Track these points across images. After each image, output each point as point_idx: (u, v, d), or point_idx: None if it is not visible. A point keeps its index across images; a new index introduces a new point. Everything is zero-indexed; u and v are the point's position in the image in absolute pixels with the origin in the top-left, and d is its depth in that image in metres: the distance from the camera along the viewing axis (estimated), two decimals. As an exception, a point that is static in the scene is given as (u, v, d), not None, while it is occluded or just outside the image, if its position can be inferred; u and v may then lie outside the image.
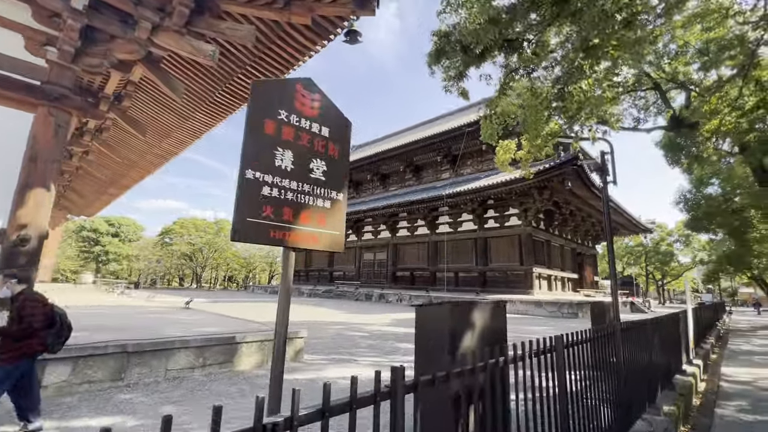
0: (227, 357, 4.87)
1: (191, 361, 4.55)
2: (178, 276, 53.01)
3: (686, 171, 17.50)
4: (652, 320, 4.92)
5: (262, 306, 17.70)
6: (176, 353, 4.44)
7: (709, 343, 10.41)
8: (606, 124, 10.00)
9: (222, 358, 4.82)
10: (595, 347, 3.05)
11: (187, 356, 4.53)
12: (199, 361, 4.63)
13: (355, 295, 27.17)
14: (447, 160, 30.09)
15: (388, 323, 11.36)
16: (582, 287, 28.69)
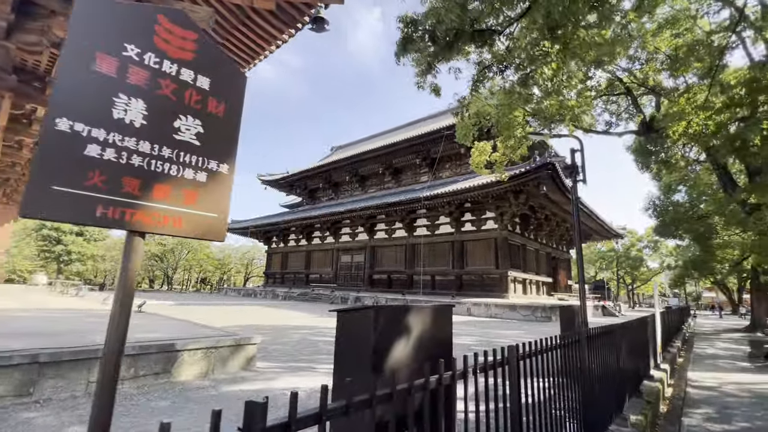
0: (165, 366, 4.38)
1: (121, 372, 4.03)
2: (148, 278, 50.88)
3: (655, 177, 17.94)
4: (621, 325, 4.75)
5: (228, 309, 16.97)
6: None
7: (676, 347, 10.53)
8: (578, 128, 9.99)
9: (159, 367, 4.32)
10: (557, 356, 2.78)
11: (115, 366, 4.01)
12: (130, 372, 4.13)
13: (331, 299, 26.63)
14: (426, 162, 30.03)
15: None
16: (556, 291, 29.10)
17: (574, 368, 3.13)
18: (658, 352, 7.39)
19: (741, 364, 7.93)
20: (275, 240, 39.57)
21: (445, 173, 29.83)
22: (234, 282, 56.85)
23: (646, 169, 10.83)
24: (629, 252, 47.17)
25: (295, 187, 41.64)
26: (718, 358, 9.20)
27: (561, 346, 2.79)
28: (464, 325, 13.26)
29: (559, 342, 2.77)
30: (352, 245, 31.01)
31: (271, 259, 40.06)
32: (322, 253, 33.81)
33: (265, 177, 41.37)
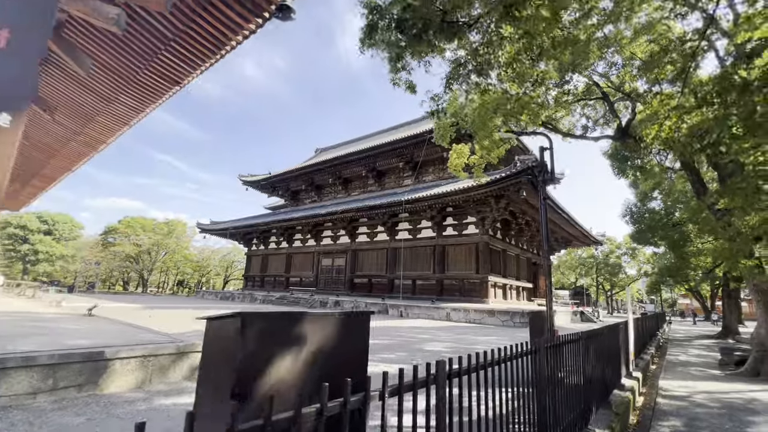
0: (91, 377, 3.92)
1: (35, 383, 3.58)
2: (123, 280, 49.17)
3: (632, 185, 18.19)
4: (588, 334, 4.53)
5: (196, 313, 16.29)
6: (12, 374, 3.47)
7: (650, 354, 10.48)
8: (555, 131, 9.90)
9: (83, 378, 3.87)
10: (510, 369, 2.50)
11: (29, 377, 3.56)
12: (48, 384, 3.67)
13: (310, 303, 26.07)
14: (409, 166, 29.90)
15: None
16: (537, 296, 29.22)
17: (531, 381, 2.86)
18: (630, 360, 7.25)
19: (712, 372, 7.87)
20: (255, 242, 38.74)
21: (429, 177, 29.75)
22: (213, 285, 55.48)
23: (622, 174, 10.84)
24: (608, 259, 47.99)
25: (277, 189, 40.94)
26: (691, 365, 9.16)
27: (512, 357, 2.50)
28: (441, 330, 13.00)
29: (509, 354, 2.48)
30: (334, 248, 30.54)
31: (250, 262, 39.18)
32: (303, 256, 33.21)
33: (246, 178, 40.55)
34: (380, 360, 6.69)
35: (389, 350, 7.81)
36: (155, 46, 8.11)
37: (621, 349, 6.70)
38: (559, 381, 3.48)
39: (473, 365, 2.07)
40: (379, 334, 10.87)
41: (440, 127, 10.01)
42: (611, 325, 5.74)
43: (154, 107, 11.24)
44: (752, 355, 7.49)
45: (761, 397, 5.58)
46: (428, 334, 11.62)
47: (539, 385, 2.87)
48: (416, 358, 7.04)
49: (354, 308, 23.08)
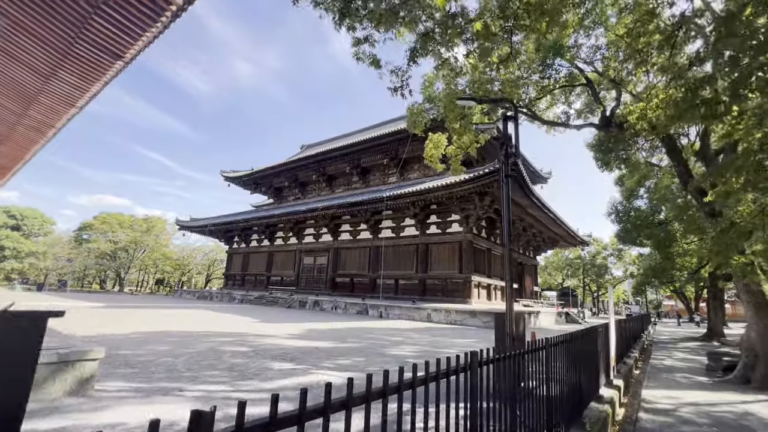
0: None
1: None
2: (99, 278, 47.47)
3: (618, 182, 17.73)
4: (557, 341, 3.82)
5: (158, 314, 15.31)
6: None
7: (633, 357, 9.88)
8: (535, 118, 9.24)
9: None
10: (436, 391, 1.75)
11: None
12: None
13: (288, 302, 25.14)
14: (394, 163, 29.16)
15: (292, 335, 9.74)
16: (522, 297, 28.73)
17: (473, 401, 2.12)
18: (611, 366, 6.59)
19: (699, 379, 7.27)
20: (237, 240, 37.63)
21: (413, 174, 29.07)
22: (196, 284, 54.02)
23: (606, 167, 10.26)
24: (595, 260, 47.95)
25: (260, 186, 39.86)
26: (676, 370, 8.56)
27: (444, 375, 1.75)
28: (416, 332, 12.26)
29: (436, 373, 1.73)
30: (316, 247, 29.65)
31: (231, 260, 38.03)
32: (285, 254, 32.25)
33: (228, 174, 39.40)
34: (332, 367, 5.90)
35: (347, 355, 7.03)
36: (83, 9, 7.16)
37: (600, 354, 6.02)
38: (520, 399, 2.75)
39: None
40: (348, 336, 10.09)
41: (413, 113, 9.28)
42: (588, 328, 5.05)
43: (100, 85, 10.24)
44: (741, 360, 6.90)
45: (755, 410, 4.95)
46: (401, 336, 10.87)
47: (472, 406, 2.12)
48: (374, 364, 6.27)
49: (334, 308, 22.25)
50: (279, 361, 6.11)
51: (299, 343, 8.41)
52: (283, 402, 3.99)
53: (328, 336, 9.90)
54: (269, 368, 5.59)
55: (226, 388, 4.51)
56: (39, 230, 36.62)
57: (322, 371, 5.56)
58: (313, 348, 7.70)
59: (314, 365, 5.95)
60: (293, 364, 5.93)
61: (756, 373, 6.54)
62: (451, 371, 2.00)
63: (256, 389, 4.49)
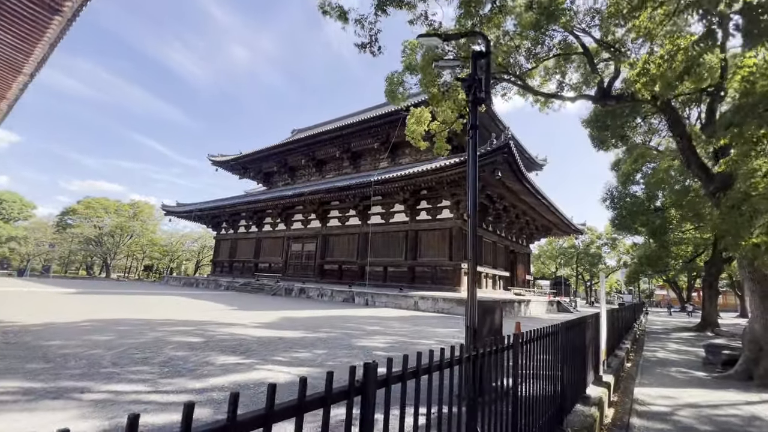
0: None
1: None
2: (86, 264, 46.52)
3: (614, 167, 17.00)
4: (540, 334, 3.12)
5: (130, 300, 14.58)
6: None
7: (625, 349, 9.30)
8: (526, 89, 8.41)
9: None
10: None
11: None
12: None
13: (274, 289, 24.47)
14: (385, 147, 28.23)
15: (261, 324, 9.04)
16: (514, 285, 28.27)
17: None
18: (601, 360, 5.94)
19: (696, 374, 6.66)
20: (225, 226, 36.74)
21: (405, 159, 28.21)
22: (185, 270, 53.25)
23: (602, 145, 9.50)
24: (589, 249, 47.63)
25: (249, 171, 38.79)
26: (671, 364, 7.97)
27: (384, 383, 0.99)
28: (398, 321, 11.62)
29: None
30: (304, 233, 28.88)
31: (219, 247, 37.22)
32: (273, 241, 31.47)
33: (215, 158, 38.27)
34: (285, 362, 5.19)
35: (310, 347, 6.33)
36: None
37: (589, 348, 5.36)
38: (473, 405, 2.05)
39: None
40: (323, 325, 9.41)
41: (391, 83, 8.41)
42: (575, 320, 4.37)
43: (45, 47, 9.33)
44: (743, 354, 6.29)
45: (764, 414, 4.31)
46: (381, 325, 10.22)
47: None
48: (336, 358, 5.57)
49: (320, 295, 21.62)
50: (227, 354, 5.39)
51: (264, 332, 7.70)
52: (204, 407, 3.07)
53: (300, 325, 9.21)
54: (210, 363, 4.86)
55: (144, 388, 3.78)
56: (19, 214, 35.44)
57: (272, 366, 4.85)
58: (276, 338, 7.00)
59: (265, 359, 5.24)
60: (241, 358, 5.22)
61: (759, 368, 5.93)
62: (392, 379, 1.28)
63: (179, 390, 3.76)
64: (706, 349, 7.64)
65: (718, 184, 6.38)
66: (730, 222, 4.74)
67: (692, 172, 7.05)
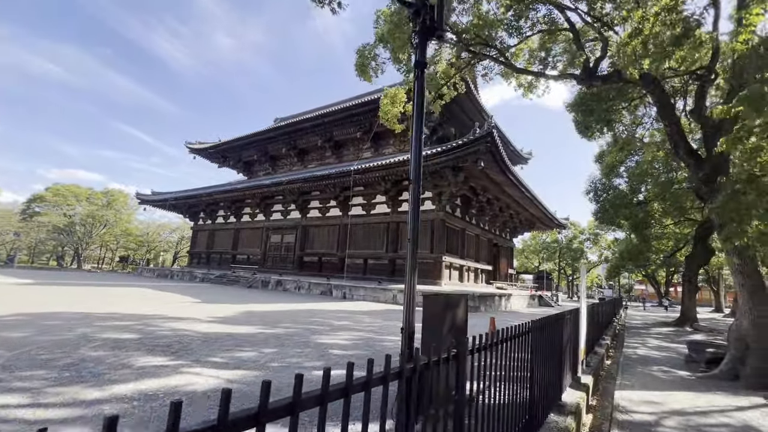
0: None
1: None
2: (56, 254, 44.52)
3: (598, 160, 16.65)
4: (510, 333, 2.51)
5: (84, 292, 13.61)
6: None
7: (605, 345, 8.90)
8: (507, 65, 7.79)
9: None
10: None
11: None
12: None
13: (250, 282, 23.59)
14: (368, 137, 27.41)
15: (217, 318, 8.29)
16: (496, 279, 28.02)
17: None
18: (580, 359, 5.42)
19: (680, 374, 6.24)
20: (202, 216, 35.48)
21: (389, 149, 27.48)
22: (163, 261, 51.62)
23: (587, 132, 9.00)
24: (571, 244, 47.96)
25: (229, 159, 37.47)
26: (652, 362, 7.57)
27: None
28: (371, 315, 11.00)
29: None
30: (284, 224, 27.97)
31: (196, 237, 35.96)
32: (251, 232, 30.45)
33: (193, 145, 36.80)
34: (221, 364, 4.49)
35: (262, 344, 5.63)
36: None
37: (566, 348, 4.82)
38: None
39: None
40: (285, 320, 8.71)
41: (361, 55, 7.67)
42: (552, 317, 3.80)
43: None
44: (729, 353, 5.88)
45: (756, 422, 3.83)
46: (351, 320, 9.58)
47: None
48: (284, 359, 4.90)
49: (297, 288, 20.88)
50: (155, 355, 4.66)
51: (215, 328, 6.96)
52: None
53: (260, 320, 8.49)
54: (128, 365, 4.13)
55: (20, 400, 3.03)
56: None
57: (200, 370, 4.15)
58: (226, 335, 6.28)
59: (198, 360, 4.53)
60: (169, 359, 4.49)
61: (746, 368, 5.51)
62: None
63: (64, 402, 3.03)
64: (688, 347, 7.26)
65: (708, 170, 5.91)
66: (733, 207, 4.23)
67: (680, 158, 6.57)
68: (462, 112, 23.92)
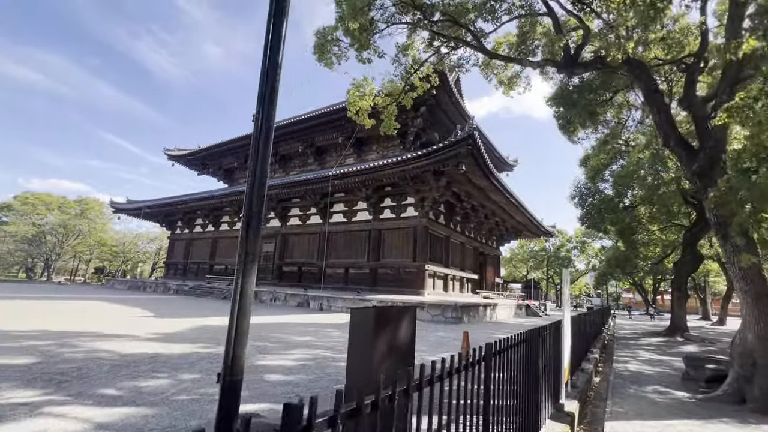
0: None
1: None
2: (25, 266, 42.36)
3: (583, 164, 16.15)
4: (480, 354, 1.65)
5: (20, 307, 12.36)
6: None
7: (594, 360, 8.12)
8: (480, 50, 7.11)
9: None
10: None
11: None
12: None
13: (225, 293, 22.33)
14: (351, 143, 26.71)
15: (159, 336, 7.28)
16: (482, 288, 27.25)
17: None
18: (563, 381, 4.58)
19: (677, 395, 5.45)
20: (180, 225, 34.12)
21: (372, 155, 26.78)
22: (141, 272, 49.66)
23: (569, 126, 8.36)
24: (559, 252, 47.65)
25: (209, 166, 36.34)
26: (645, 380, 6.79)
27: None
28: (341, 329, 10.03)
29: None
30: (263, 233, 26.76)
31: (173, 247, 34.50)
32: (230, 241, 29.22)
33: (172, 152, 35.61)
34: (108, 397, 3.53)
35: (185, 369, 4.68)
36: None
37: (546, 369, 3.99)
38: None
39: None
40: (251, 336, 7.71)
41: (320, 37, 6.90)
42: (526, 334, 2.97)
43: None
44: (733, 370, 5.13)
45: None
46: (316, 335, 8.63)
47: None
48: (201, 388, 3.96)
49: (273, 300, 19.76)
50: (27, 387, 3.68)
51: (144, 347, 5.96)
52: None
53: (210, 336, 7.51)
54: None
55: None
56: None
57: (72, 409, 3.19)
58: (148, 356, 5.29)
59: (81, 394, 3.56)
60: (41, 393, 3.52)
61: (754, 388, 4.76)
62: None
63: None
64: (685, 362, 6.50)
65: (702, 161, 5.23)
66: (746, 187, 3.52)
67: (671, 150, 5.92)
68: (446, 118, 23.42)
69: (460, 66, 8.28)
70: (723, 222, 4.91)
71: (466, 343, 5.72)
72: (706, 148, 5.31)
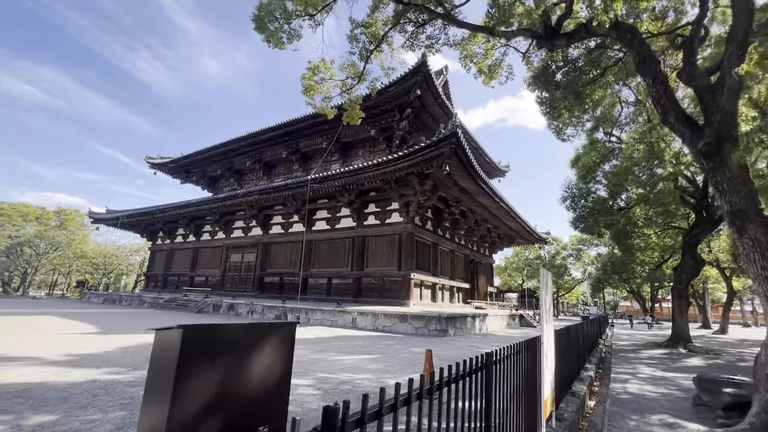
0: None
1: None
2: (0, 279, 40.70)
3: (573, 164, 15.27)
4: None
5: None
6: None
7: (588, 378, 7.03)
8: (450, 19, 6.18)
9: None
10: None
11: None
12: None
13: (200, 306, 21.04)
14: (336, 148, 25.86)
15: (78, 357, 6.14)
16: (474, 298, 26.11)
17: None
18: (543, 416, 3.51)
19: (691, 428, 4.39)
20: (161, 236, 32.85)
21: (357, 161, 25.84)
22: (125, 285, 48.00)
23: (554, 111, 7.45)
24: (554, 260, 46.69)
25: (192, 174, 35.27)
26: (649, 407, 5.70)
27: None
28: (308, 345, 8.89)
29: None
30: (244, 242, 25.71)
31: (154, 259, 33.18)
32: (212, 251, 28.01)
33: (154, 159, 34.53)
34: None
35: (58, 405, 3.57)
36: None
37: (516, 403, 2.92)
38: None
39: None
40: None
41: (262, 6, 5.95)
42: (480, 357, 1.91)
43: None
44: (759, 396, 4.10)
45: None
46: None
47: None
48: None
49: (250, 312, 18.51)
50: None
51: (33, 375, 4.83)
52: None
53: (132, 359, 6.36)
54: None
55: None
56: None
57: None
58: (22, 387, 4.17)
59: None
60: None
61: (789, 421, 3.72)
62: None
63: None
64: (697, 385, 5.44)
65: (710, 137, 4.29)
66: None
67: (671, 127, 4.99)
68: (433, 122, 22.61)
69: (429, 46, 7.37)
70: (739, 210, 3.92)
71: (428, 363, 4.65)
72: (714, 122, 4.39)
